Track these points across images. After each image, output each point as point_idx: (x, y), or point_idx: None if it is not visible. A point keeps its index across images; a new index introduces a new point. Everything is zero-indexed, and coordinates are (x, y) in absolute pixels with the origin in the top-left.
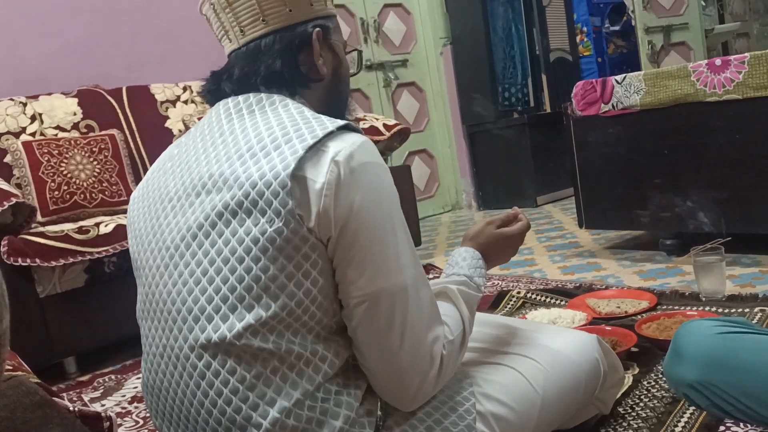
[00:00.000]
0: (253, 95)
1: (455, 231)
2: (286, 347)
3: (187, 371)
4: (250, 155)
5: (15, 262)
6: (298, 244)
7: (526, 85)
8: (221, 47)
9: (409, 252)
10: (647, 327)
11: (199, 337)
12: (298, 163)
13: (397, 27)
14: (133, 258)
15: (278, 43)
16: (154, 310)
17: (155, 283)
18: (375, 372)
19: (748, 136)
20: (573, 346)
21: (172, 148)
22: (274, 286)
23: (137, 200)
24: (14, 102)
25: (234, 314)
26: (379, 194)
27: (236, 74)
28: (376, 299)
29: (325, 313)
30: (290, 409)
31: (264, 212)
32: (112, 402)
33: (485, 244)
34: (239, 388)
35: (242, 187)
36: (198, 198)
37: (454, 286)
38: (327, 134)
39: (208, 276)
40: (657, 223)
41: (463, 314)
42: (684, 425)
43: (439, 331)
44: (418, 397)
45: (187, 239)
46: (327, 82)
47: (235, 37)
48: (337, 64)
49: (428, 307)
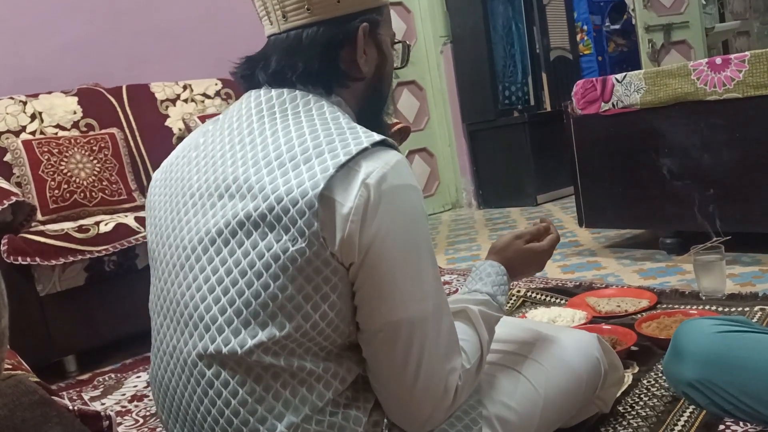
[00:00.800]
0: (287, 92)
1: (455, 230)
2: (298, 364)
3: (194, 378)
4: (278, 164)
5: (15, 260)
6: (319, 267)
7: (526, 84)
8: (221, 47)
9: (432, 279)
10: (647, 326)
11: (208, 346)
12: (327, 183)
13: (397, 25)
14: (150, 248)
15: (321, 36)
16: (167, 308)
17: (170, 281)
18: (387, 397)
19: (748, 135)
20: (573, 346)
21: (198, 135)
22: (291, 306)
23: (159, 183)
24: (14, 100)
25: (246, 330)
26: (407, 220)
27: (273, 66)
28: (394, 329)
29: (341, 335)
30: (298, 425)
31: (287, 230)
32: (111, 401)
33: (511, 259)
34: (248, 400)
35: (267, 199)
36: (220, 201)
37: (475, 306)
38: (360, 151)
39: (223, 286)
40: (657, 221)
41: (482, 339)
42: (684, 424)
43: (456, 362)
44: (428, 425)
45: (206, 243)
46: (368, 80)
47: (276, 20)
48: (381, 62)
49: (447, 338)
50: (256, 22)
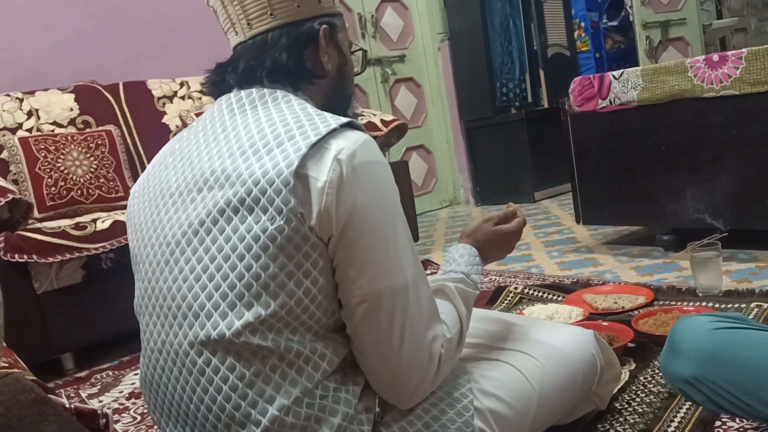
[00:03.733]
0: (256, 90)
1: (453, 226)
2: (286, 345)
3: (186, 367)
4: (252, 151)
5: (12, 258)
6: (299, 243)
7: (523, 81)
8: (218, 43)
9: (409, 251)
10: (644, 322)
11: (198, 333)
12: (301, 161)
13: (394, 22)
14: (133, 252)
15: (285, 37)
16: (153, 305)
17: (155, 278)
18: (374, 370)
19: (745, 132)
20: (570, 342)
21: (173, 142)
22: (274, 284)
23: (137, 194)
24: (10, 98)
25: (233, 312)
26: (381, 193)
27: (241, 67)
28: (376, 299)
29: (325, 312)
30: (289, 407)
31: (266, 210)
32: (109, 398)
33: (482, 241)
34: (238, 385)
35: (244, 183)
36: (200, 194)
37: (451, 283)
38: (330, 131)
39: (209, 273)
40: (654, 218)
41: (460, 312)
42: (680, 420)
43: (438, 330)
44: (415, 395)
45: (188, 235)
46: (331, 79)
47: (242, 29)
48: (342, 63)
49: (428, 306)
50: None
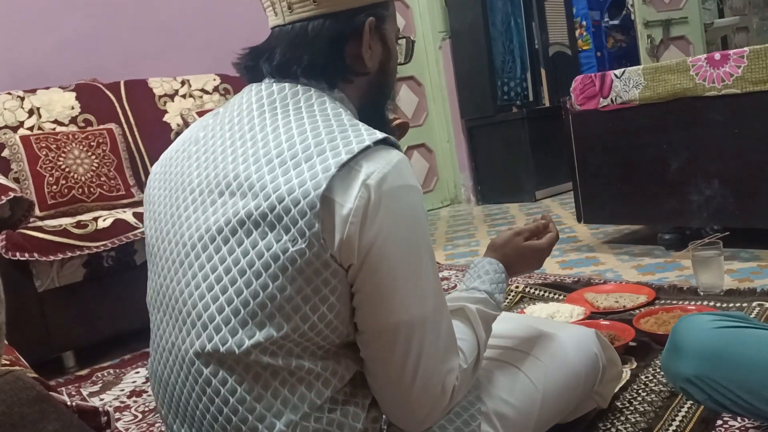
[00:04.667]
0: (289, 86)
1: (454, 225)
2: (297, 363)
3: (192, 375)
4: (279, 162)
5: (13, 256)
6: (318, 269)
7: (525, 80)
8: (219, 42)
9: (432, 281)
10: (645, 321)
11: (206, 345)
12: (329, 183)
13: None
14: (149, 242)
15: (327, 29)
16: (166, 304)
17: (169, 277)
18: (383, 397)
19: (747, 131)
20: (572, 341)
21: (197, 129)
22: (289, 307)
23: (158, 177)
24: (12, 96)
25: (243, 330)
26: (407, 221)
27: (277, 59)
28: (394, 330)
29: (339, 336)
30: (297, 423)
31: (288, 230)
32: (110, 396)
33: (510, 256)
34: (246, 398)
35: (268, 198)
36: (221, 198)
37: (473, 305)
38: (362, 150)
39: (222, 285)
40: (655, 217)
41: (479, 338)
42: (681, 419)
43: (454, 363)
44: (424, 424)
45: (205, 240)
46: (372, 75)
47: (281, 12)
48: (385, 57)
49: (445, 338)
50: (255, 17)
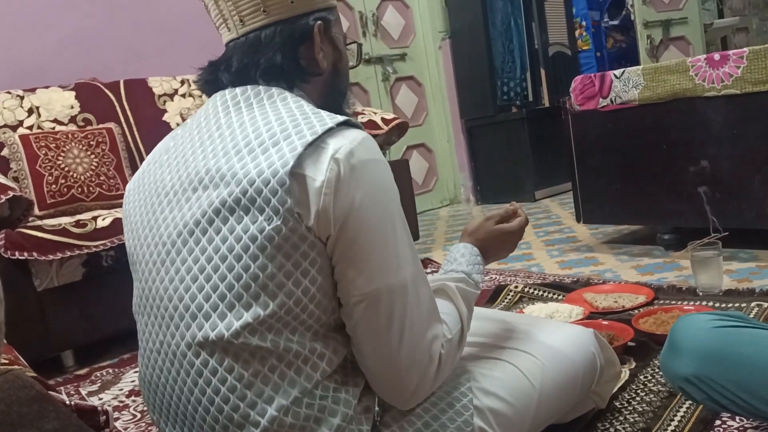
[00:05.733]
0: (251, 88)
1: (453, 225)
2: (285, 345)
3: (184, 368)
4: (247, 151)
5: (12, 255)
6: (296, 243)
7: (524, 80)
8: (219, 41)
9: (408, 250)
10: (644, 321)
11: (196, 334)
12: (297, 161)
13: (395, 21)
14: (129, 252)
15: (279, 35)
16: (151, 305)
17: (152, 278)
18: (373, 370)
19: (746, 131)
20: (570, 341)
21: (168, 140)
22: (273, 284)
23: (132, 192)
24: (11, 95)
25: (231, 312)
26: (379, 192)
27: (235, 66)
28: (375, 298)
29: (324, 311)
30: (288, 407)
31: (262, 210)
32: (109, 395)
33: (484, 240)
34: (237, 385)
35: (239, 183)
36: (195, 193)
37: (452, 283)
38: (326, 131)
39: (206, 273)
40: (655, 217)
41: (461, 312)
42: (680, 419)
43: (438, 330)
44: (416, 396)
45: (184, 235)
46: (326, 75)
47: (234, 26)
48: (337, 58)
49: (427, 305)
50: None
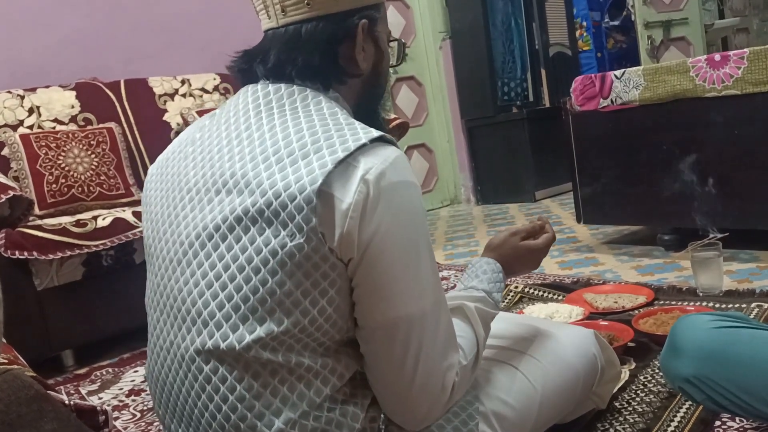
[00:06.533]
0: (285, 87)
1: (453, 225)
2: (296, 360)
3: (192, 373)
4: (276, 160)
5: (12, 255)
6: (317, 262)
7: (525, 80)
8: (219, 41)
9: (431, 276)
10: (644, 322)
11: (206, 342)
12: (326, 179)
13: (396, 21)
14: (146, 243)
15: (320, 32)
16: (164, 303)
17: (167, 276)
18: (384, 394)
19: (747, 132)
20: (570, 342)
21: (194, 130)
22: (289, 301)
23: (155, 178)
24: (12, 95)
25: (244, 325)
26: (406, 217)
27: (271, 60)
28: (393, 326)
29: (339, 331)
30: (296, 421)
31: (285, 225)
32: (109, 395)
33: (508, 256)
34: (245, 396)
35: (265, 194)
36: (218, 196)
37: (471, 303)
38: (358, 147)
39: (221, 281)
40: (655, 218)
41: (478, 335)
42: (680, 420)
43: (454, 359)
44: (425, 422)
45: (203, 238)
46: (365, 77)
47: (275, 14)
48: (378, 58)
49: (445, 334)
50: (254, 16)
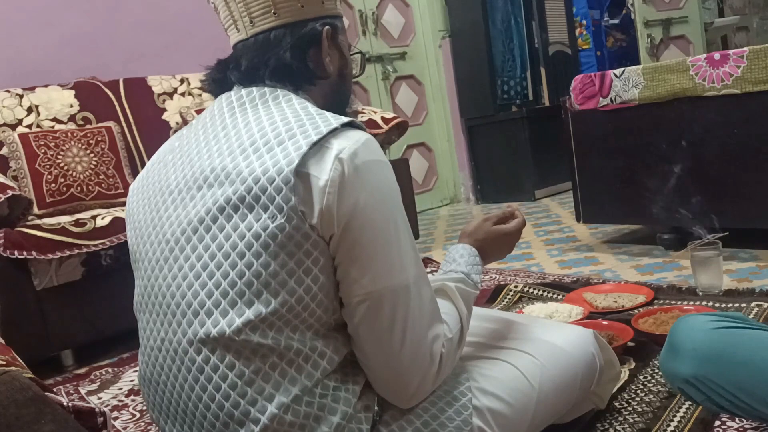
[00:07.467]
0: (257, 89)
1: (453, 225)
2: (285, 343)
3: (185, 365)
4: (253, 150)
5: (11, 254)
6: (300, 241)
7: (525, 79)
8: (219, 40)
9: (411, 250)
10: (644, 321)
11: (198, 331)
12: (302, 160)
13: (395, 19)
14: (132, 250)
15: (288, 37)
16: (153, 303)
17: (154, 276)
18: (375, 370)
19: (746, 131)
20: (569, 341)
21: (173, 140)
22: (275, 282)
23: (136, 191)
24: (11, 94)
25: (233, 309)
26: (382, 193)
27: (244, 65)
28: (378, 298)
29: (325, 311)
30: (288, 405)
31: (266, 208)
32: (108, 395)
33: (482, 241)
34: (237, 383)
35: (244, 181)
36: (199, 191)
37: (452, 283)
38: (331, 131)
39: (208, 270)
40: (654, 217)
41: (461, 312)
42: (680, 420)
43: (439, 330)
44: (417, 395)
45: (188, 233)
46: (332, 80)
47: (244, 27)
48: (342, 64)
49: (429, 306)
50: None
